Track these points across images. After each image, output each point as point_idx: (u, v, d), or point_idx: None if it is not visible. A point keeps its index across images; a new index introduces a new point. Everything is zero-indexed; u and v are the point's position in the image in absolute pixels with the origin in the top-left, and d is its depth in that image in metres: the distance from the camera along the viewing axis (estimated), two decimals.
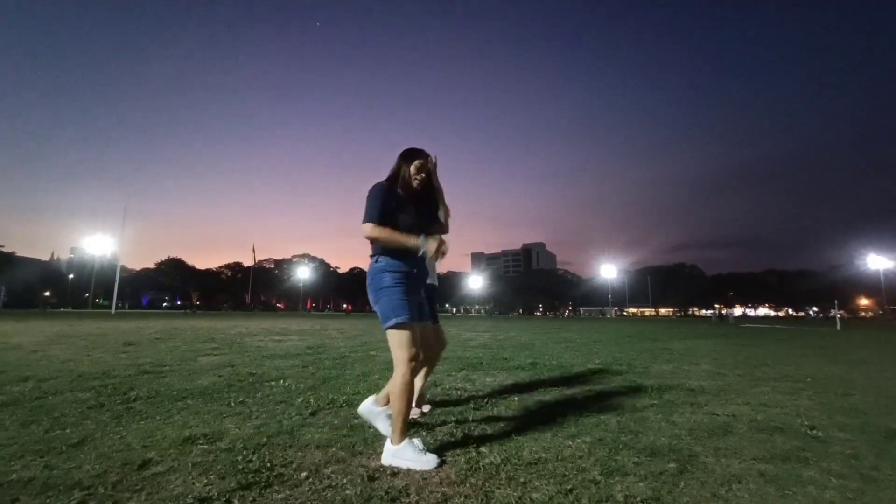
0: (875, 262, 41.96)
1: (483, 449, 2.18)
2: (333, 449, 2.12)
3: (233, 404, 3.00)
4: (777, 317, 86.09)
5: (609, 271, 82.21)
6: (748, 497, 1.68)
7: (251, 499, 1.60)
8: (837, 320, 22.98)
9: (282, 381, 3.88)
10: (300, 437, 2.30)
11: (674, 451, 2.17)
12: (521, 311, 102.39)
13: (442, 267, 3.07)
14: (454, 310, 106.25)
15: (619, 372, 4.89)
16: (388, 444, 1.99)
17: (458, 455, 2.09)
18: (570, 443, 2.29)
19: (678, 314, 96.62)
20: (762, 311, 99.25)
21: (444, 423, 2.64)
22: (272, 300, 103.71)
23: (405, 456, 1.92)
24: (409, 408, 2.04)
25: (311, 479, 1.76)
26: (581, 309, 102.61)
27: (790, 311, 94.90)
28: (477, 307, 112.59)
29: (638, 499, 1.65)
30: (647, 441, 2.34)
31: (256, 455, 2.02)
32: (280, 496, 1.62)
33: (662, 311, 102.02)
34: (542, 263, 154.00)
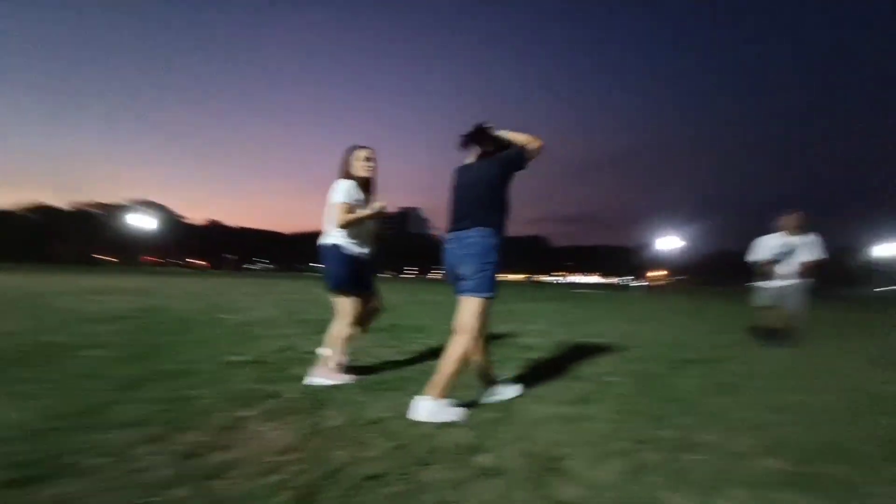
0: (667, 241, 53.55)
1: (329, 412, 2.20)
2: (151, 427, 1.89)
3: (17, 382, 2.44)
4: (604, 284, 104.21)
5: None
6: (546, 434, 2.03)
7: (22, 498, 1.34)
8: (631, 286, 28.87)
9: (94, 351, 3.28)
10: (108, 417, 1.99)
11: (501, 406, 2.48)
12: (392, 273, 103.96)
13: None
14: None
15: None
16: (424, 401, 2.14)
17: (303, 420, 2.06)
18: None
19: (528, 279, 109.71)
20: (594, 278, 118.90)
21: (293, 389, 2.57)
22: (97, 253, 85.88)
23: (443, 412, 2.14)
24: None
25: (115, 464, 1.55)
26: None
27: (614, 279, 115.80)
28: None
29: (464, 446, 1.86)
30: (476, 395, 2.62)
31: (40, 443, 1.68)
32: (68, 489, 1.39)
33: (515, 276, 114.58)
34: (416, 227, 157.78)
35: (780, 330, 5.16)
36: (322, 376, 2.70)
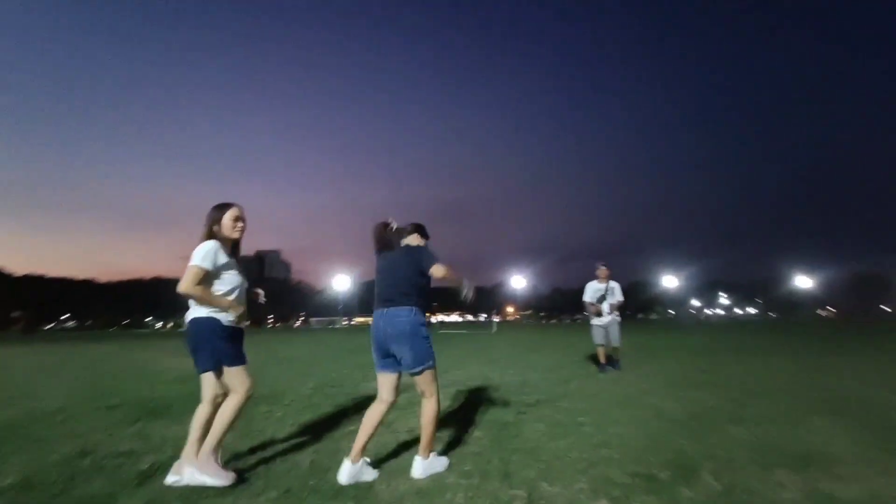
0: (516, 281, 60.21)
1: None
2: None
3: None
4: (462, 322, 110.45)
5: (342, 282, 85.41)
6: None
7: None
8: (494, 324, 31.37)
9: None
10: None
11: (356, 485, 2.30)
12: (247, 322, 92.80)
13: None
14: (159, 324, 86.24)
15: (330, 395, 4.99)
16: (418, 460, 2.44)
17: None
18: (262, 496, 2.10)
19: None
20: (454, 317, 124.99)
21: None
22: None
23: (435, 464, 2.49)
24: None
25: None
26: (313, 319, 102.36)
27: (470, 317, 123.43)
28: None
29: None
30: (335, 478, 2.39)
31: None
32: None
33: None
34: (276, 272, 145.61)
35: (609, 358, 6.56)
36: (200, 471, 2.23)
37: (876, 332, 17.43)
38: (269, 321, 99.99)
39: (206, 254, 2.34)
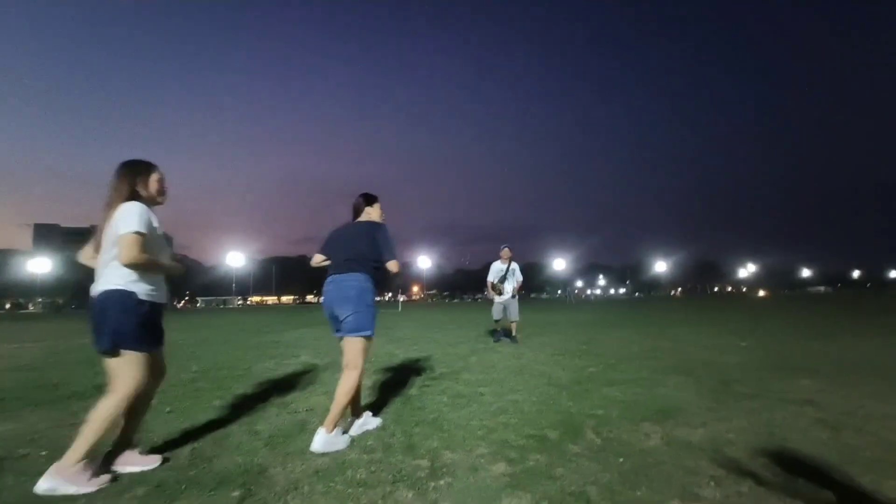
0: (422, 261, 61.26)
1: None
2: None
3: None
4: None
5: (236, 259, 78.06)
6: (302, 501, 1.81)
7: None
8: (399, 303, 31.62)
9: None
10: None
11: (247, 472, 2.11)
12: None
13: None
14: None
15: (217, 379, 4.53)
16: (321, 432, 2.35)
17: None
18: (127, 494, 1.81)
19: (298, 301, 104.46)
20: None
21: None
22: None
23: (337, 442, 2.39)
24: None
25: None
26: (200, 299, 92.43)
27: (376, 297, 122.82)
28: (41, 300, 78.75)
29: None
30: (221, 467, 2.17)
31: None
32: None
33: (285, 298, 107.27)
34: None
35: (507, 331, 7.38)
36: (62, 478, 1.89)
37: (710, 307, 21.22)
38: None
39: (140, 217, 2.00)
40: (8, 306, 75.69)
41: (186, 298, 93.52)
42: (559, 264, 73.81)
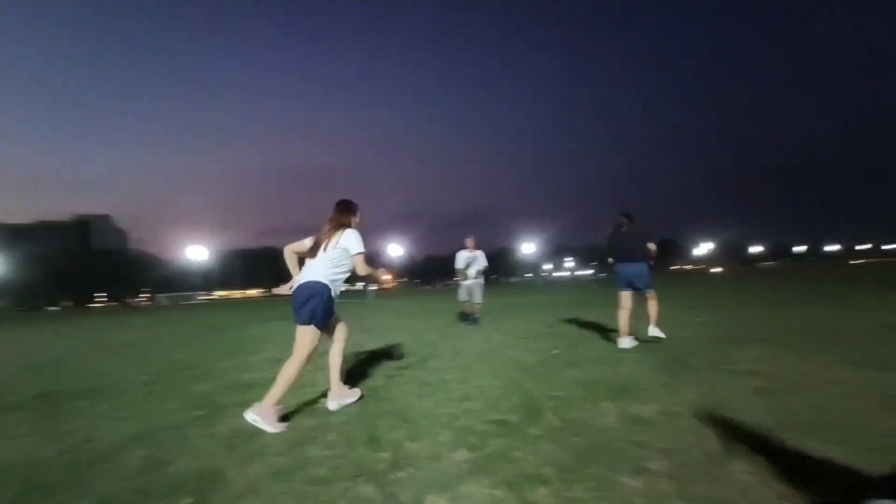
0: (392, 249, 60.97)
1: None
2: None
3: None
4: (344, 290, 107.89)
5: (198, 253, 74.95)
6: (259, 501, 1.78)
7: None
8: (370, 292, 31.31)
9: None
10: None
11: (201, 476, 2.04)
12: (61, 304, 75.83)
13: None
14: None
15: (174, 380, 4.36)
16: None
17: None
18: None
19: (266, 294, 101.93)
20: None
21: None
22: None
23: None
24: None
25: None
26: (162, 296, 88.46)
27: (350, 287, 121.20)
28: None
29: None
30: (175, 473, 2.10)
31: None
32: None
33: (251, 291, 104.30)
34: (108, 241, 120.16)
35: (472, 314, 7.74)
36: (262, 415, 2.63)
37: (669, 284, 22.18)
38: (101, 300, 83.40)
39: (362, 241, 3.00)
40: None
41: (147, 296, 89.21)
42: (528, 248, 75.02)
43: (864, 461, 1.80)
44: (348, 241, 2.91)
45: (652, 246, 4.95)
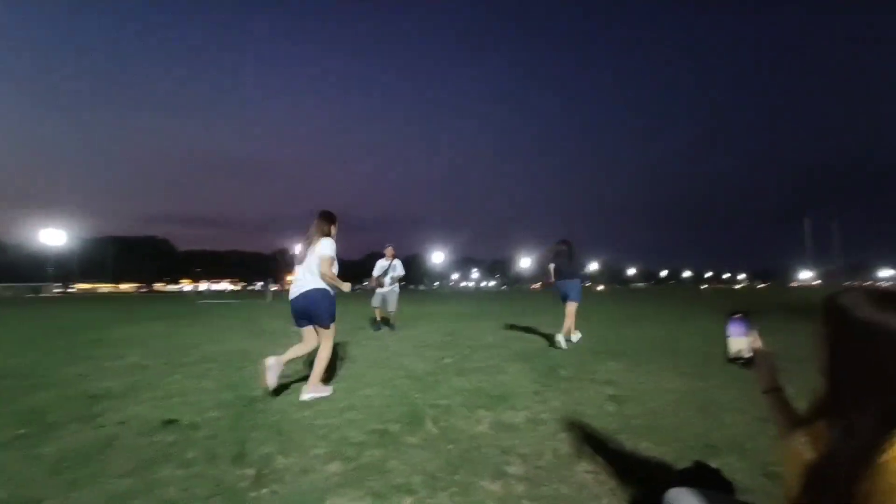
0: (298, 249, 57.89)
1: None
2: None
3: None
4: (234, 291, 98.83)
5: (54, 237, 63.04)
6: None
7: None
8: (270, 293, 29.25)
9: None
10: None
11: None
12: None
13: None
14: None
15: (7, 389, 3.62)
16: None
17: None
18: None
19: (143, 290, 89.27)
20: (224, 285, 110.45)
21: None
22: None
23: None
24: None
25: None
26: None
27: (246, 286, 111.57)
28: None
29: None
30: None
31: None
32: None
33: (125, 286, 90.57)
34: None
35: (385, 320, 8.15)
36: (314, 390, 3.36)
37: (558, 300, 24.30)
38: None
39: (333, 247, 3.43)
40: None
41: None
42: (437, 257, 76.50)
43: (681, 458, 2.16)
44: (322, 248, 3.35)
45: (587, 266, 5.94)
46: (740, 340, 1.20)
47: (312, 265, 3.36)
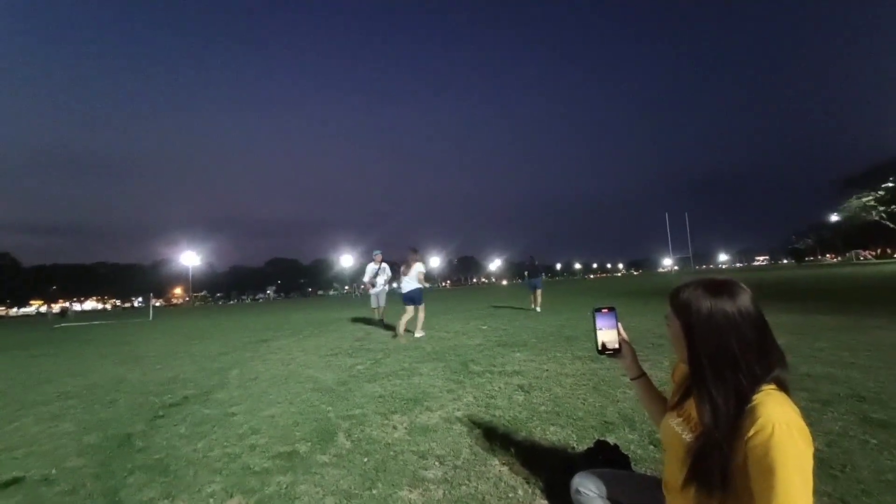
0: (187, 258, 51.89)
1: None
2: None
3: None
4: (105, 310, 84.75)
5: None
6: None
7: None
8: (151, 310, 25.62)
9: None
10: None
11: None
12: None
13: None
14: None
15: None
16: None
17: None
18: None
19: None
20: (90, 304, 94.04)
21: None
22: None
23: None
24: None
25: None
26: None
27: (118, 303, 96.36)
28: None
29: None
30: None
31: None
32: None
33: None
34: None
35: (380, 320, 9.18)
36: (420, 334, 6.72)
37: (467, 297, 25.21)
38: None
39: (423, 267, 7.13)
40: None
41: None
42: (346, 261, 74.19)
43: (584, 437, 2.34)
44: (417, 268, 6.87)
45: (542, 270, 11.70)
46: (608, 333, 1.29)
47: (410, 277, 6.87)
